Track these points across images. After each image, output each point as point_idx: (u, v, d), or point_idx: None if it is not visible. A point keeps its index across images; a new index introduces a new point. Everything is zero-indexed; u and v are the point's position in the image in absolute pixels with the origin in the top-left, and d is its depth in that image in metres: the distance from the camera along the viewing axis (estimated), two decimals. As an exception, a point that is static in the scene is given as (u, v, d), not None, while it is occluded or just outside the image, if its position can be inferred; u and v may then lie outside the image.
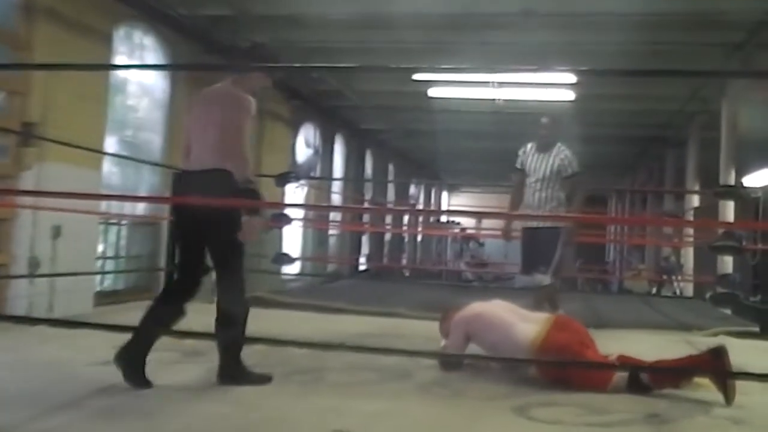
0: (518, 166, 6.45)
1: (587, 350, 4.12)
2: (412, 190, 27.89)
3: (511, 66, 10.54)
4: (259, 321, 4.08)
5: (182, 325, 3.87)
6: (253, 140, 12.94)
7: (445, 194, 34.49)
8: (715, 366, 3.71)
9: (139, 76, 9.52)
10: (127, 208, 9.38)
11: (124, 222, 9.31)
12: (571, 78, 12.01)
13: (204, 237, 3.87)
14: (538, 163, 6.30)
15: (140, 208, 9.69)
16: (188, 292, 3.91)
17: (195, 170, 3.89)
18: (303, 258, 14.61)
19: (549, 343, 4.11)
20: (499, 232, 7.44)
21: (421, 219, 27.20)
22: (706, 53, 10.87)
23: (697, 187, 15.58)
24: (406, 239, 26.14)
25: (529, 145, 6.47)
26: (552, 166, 6.23)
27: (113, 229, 9.16)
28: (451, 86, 13.51)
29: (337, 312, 7.92)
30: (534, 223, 6.17)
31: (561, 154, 6.29)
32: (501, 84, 12.90)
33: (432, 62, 10.97)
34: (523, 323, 4.33)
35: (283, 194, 12.22)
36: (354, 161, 19.30)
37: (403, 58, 11.24)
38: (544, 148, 6.36)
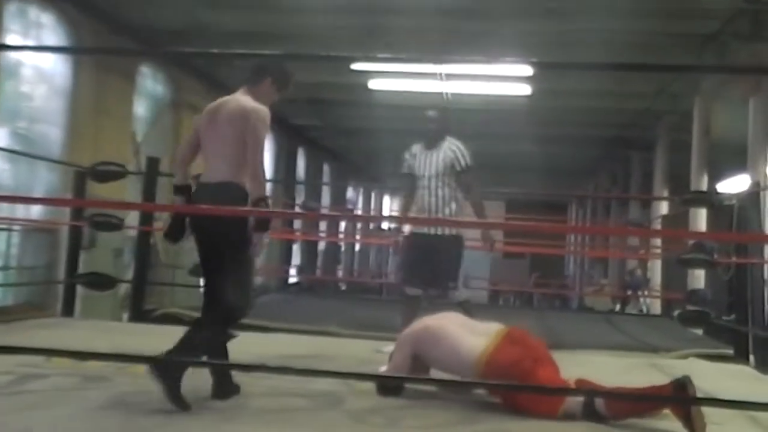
0: (405, 170, 6.39)
1: (541, 368, 4.11)
2: (350, 193, 27.87)
3: (459, 56, 10.64)
4: (171, 341, 4.01)
5: (85, 345, 3.79)
6: (170, 135, 12.80)
7: (386, 198, 34.55)
8: (679, 400, 3.69)
9: (36, 59, 9.30)
10: (20, 211, 9.14)
11: (15, 228, 9.08)
12: (528, 71, 12.15)
13: (216, 250, 4.22)
14: (426, 161, 6.28)
15: (35, 212, 9.45)
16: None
17: (210, 183, 4.24)
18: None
19: (497, 358, 4.11)
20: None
21: (359, 226, 27.21)
22: (677, 45, 11.09)
23: (665, 194, 15.93)
24: (343, 248, 26.09)
25: (414, 147, 6.44)
26: (443, 161, 6.22)
27: (2, 236, 8.93)
28: (394, 78, 13.57)
29: (262, 330, 7.79)
30: (426, 229, 6.17)
31: (451, 147, 6.27)
32: (449, 76, 13.01)
33: (372, 51, 10.97)
34: (472, 336, 4.34)
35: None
36: (284, 160, 19.22)
37: (341, 45, 11.23)
38: (432, 144, 6.34)
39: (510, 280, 24.99)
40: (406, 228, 6.70)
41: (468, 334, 4.37)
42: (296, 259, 20.41)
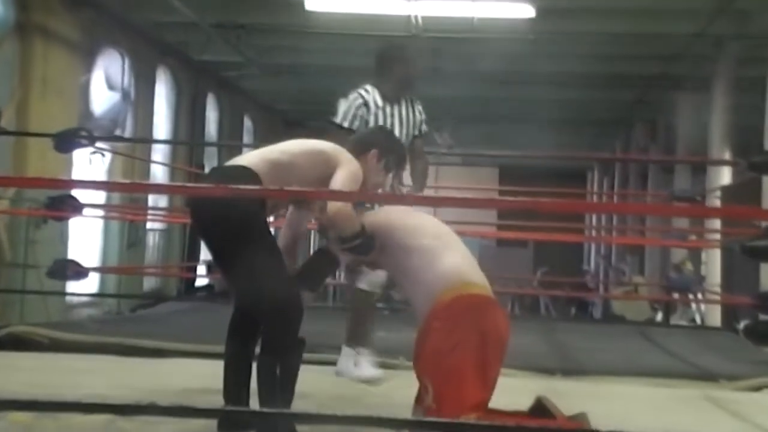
0: (351, 124, 6.66)
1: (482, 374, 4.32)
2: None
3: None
4: (19, 372, 3.91)
5: None
6: (14, 70, 12.56)
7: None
8: None
9: None
10: None
11: None
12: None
13: (221, 242, 4.75)
14: (395, 119, 6.59)
15: None
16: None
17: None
18: (102, 269, 14.32)
19: (463, 304, 4.35)
20: None
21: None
22: None
23: (727, 156, 15.95)
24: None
25: (369, 90, 6.65)
26: (414, 122, 6.64)
27: None
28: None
29: (155, 355, 7.77)
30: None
31: (417, 105, 6.69)
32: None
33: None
34: (455, 257, 4.56)
35: (68, 164, 11.92)
36: (187, 111, 19.05)
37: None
38: (395, 95, 6.63)
39: (507, 278, 25.02)
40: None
41: (452, 252, 4.61)
42: (206, 252, 20.30)
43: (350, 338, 6.57)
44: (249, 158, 4.80)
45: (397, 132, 6.38)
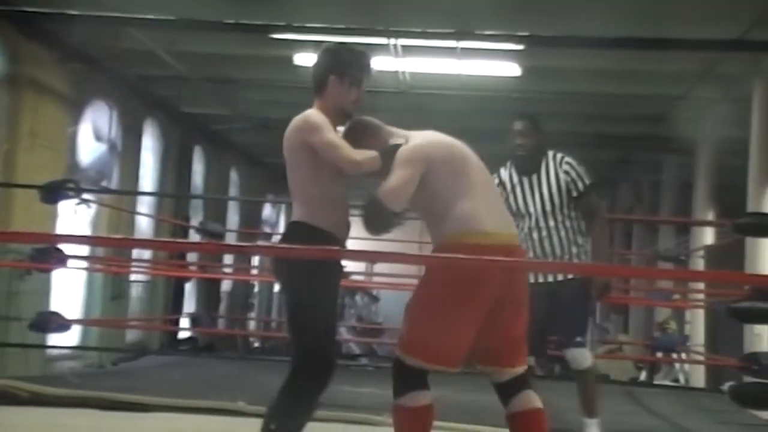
0: None
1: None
2: (268, 211, 27.73)
3: (417, 29, 10.64)
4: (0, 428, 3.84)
5: None
6: (5, 120, 12.55)
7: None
8: None
9: None
10: None
11: None
12: (515, 44, 12.17)
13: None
14: (524, 195, 6.45)
15: None
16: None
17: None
18: (85, 321, 14.23)
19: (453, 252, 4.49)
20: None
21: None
22: (730, 8, 11.17)
23: (710, 216, 15.97)
24: (256, 289, 25.93)
25: (502, 172, 6.59)
26: (552, 192, 6.36)
27: None
28: (330, 50, 13.49)
29: (138, 409, 7.70)
30: (542, 277, 6.27)
31: (562, 168, 6.44)
32: (406, 50, 12.97)
33: (297, 15, 10.90)
34: (473, 201, 4.64)
35: (53, 215, 11.86)
36: (174, 164, 19.02)
37: (255, 6, 11.18)
38: (527, 168, 6.48)
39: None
40: None
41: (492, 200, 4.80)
42: (189, 304, 20.19)
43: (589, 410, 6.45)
44: (297, 210, 4.88)
45: (523, 206, 6.37)
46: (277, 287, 26.17)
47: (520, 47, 12.36)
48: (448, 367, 4.59)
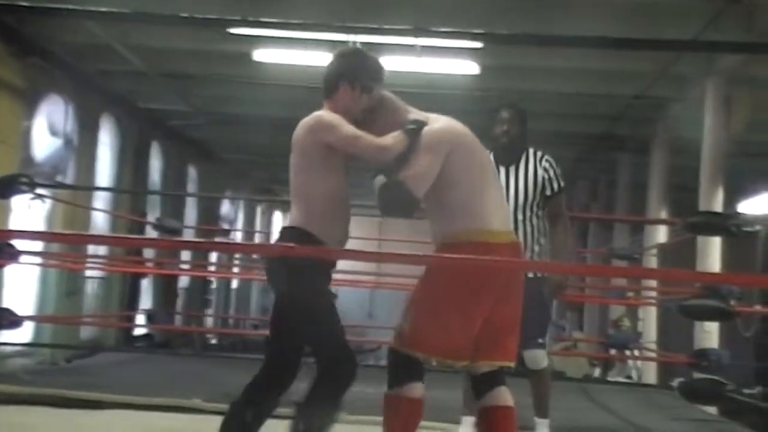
0: None
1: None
2: (226, 208, 27.65)
3: (374, 25, 10.63)
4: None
5: None
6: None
7: (278, 216, 34.38)
8: None
9: None
10: None
11: None
12: (473, 42, 12.21)
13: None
14: (507, 183, 6.43)
15: None
16: None
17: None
18: (38, 318, 14.11)
19: (457, 251, 4.55)
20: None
21: (238, 255, 27.00)
22: (686, 9, 11.23)
23: (663, 215, 16.10)
24: (214, 286, 25.85)
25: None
26: (529, 185, 6.39)
27: None
28: (289, 47, 13.46)
29: (93, 407, 7.67)
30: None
31: (541, 164, 6.48)
32: (366, 46, 12.94)
33: (255, 10, 10.88)
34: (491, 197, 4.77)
35: (6, 210, 11.78)
36: (130, 159, 18.92)
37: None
38: (507, 158, 6.50)
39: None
40: None
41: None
42: (146, 301, 20.09)
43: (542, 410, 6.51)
44: (295, 215, 4.83)
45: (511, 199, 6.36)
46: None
47: (479, 45, 12.44)
48: (459, 360, 4.67)
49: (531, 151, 6.56)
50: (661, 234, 15.86)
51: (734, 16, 11.05)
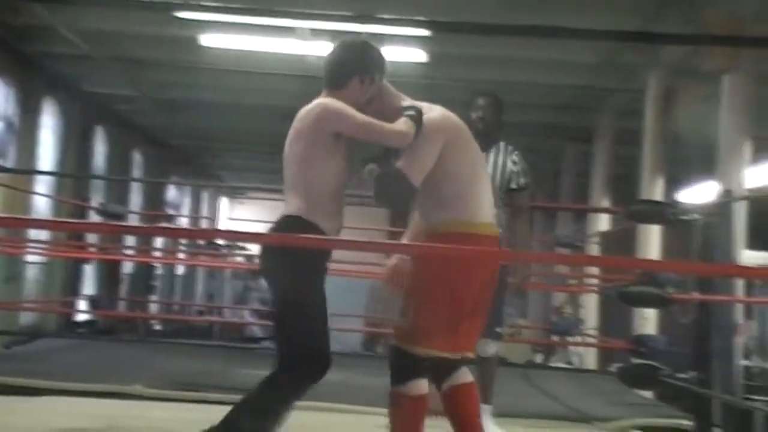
0: None
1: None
2: (171, 193, 27.53)
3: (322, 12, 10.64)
4: None
5: None
6: None
7: (224, 202, 34.30)
8: None
9: None
10: None
11: None
12: (421, 31, 12.24)
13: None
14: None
15: None
16: None
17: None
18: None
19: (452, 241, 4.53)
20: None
21: (183, 241, 26.88)
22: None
23: (605, 203, 16.24)
24: (159, 272, 25.74)
25: None
26: (495, 177, 6.33)
27: None
28: (237, 32, 13.42)
29: (31, 393, 7.55)
30: None
31: (510, 157, 6.53)
32: (315, 33, 12.95)
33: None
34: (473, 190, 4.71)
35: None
36: (74, 143, 18.79)
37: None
38: (481, 145, 6.44)
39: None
40: None
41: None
42: (89, 286, 19.96)
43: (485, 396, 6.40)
44: (293, 203, 4.69)
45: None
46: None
47: (426, 33, 12.47)
48: (464, 353, 4.63)
49: (502, 144, 6.60)
50: (603, 222, 16.05)
51: (678, 8, 11.15)
